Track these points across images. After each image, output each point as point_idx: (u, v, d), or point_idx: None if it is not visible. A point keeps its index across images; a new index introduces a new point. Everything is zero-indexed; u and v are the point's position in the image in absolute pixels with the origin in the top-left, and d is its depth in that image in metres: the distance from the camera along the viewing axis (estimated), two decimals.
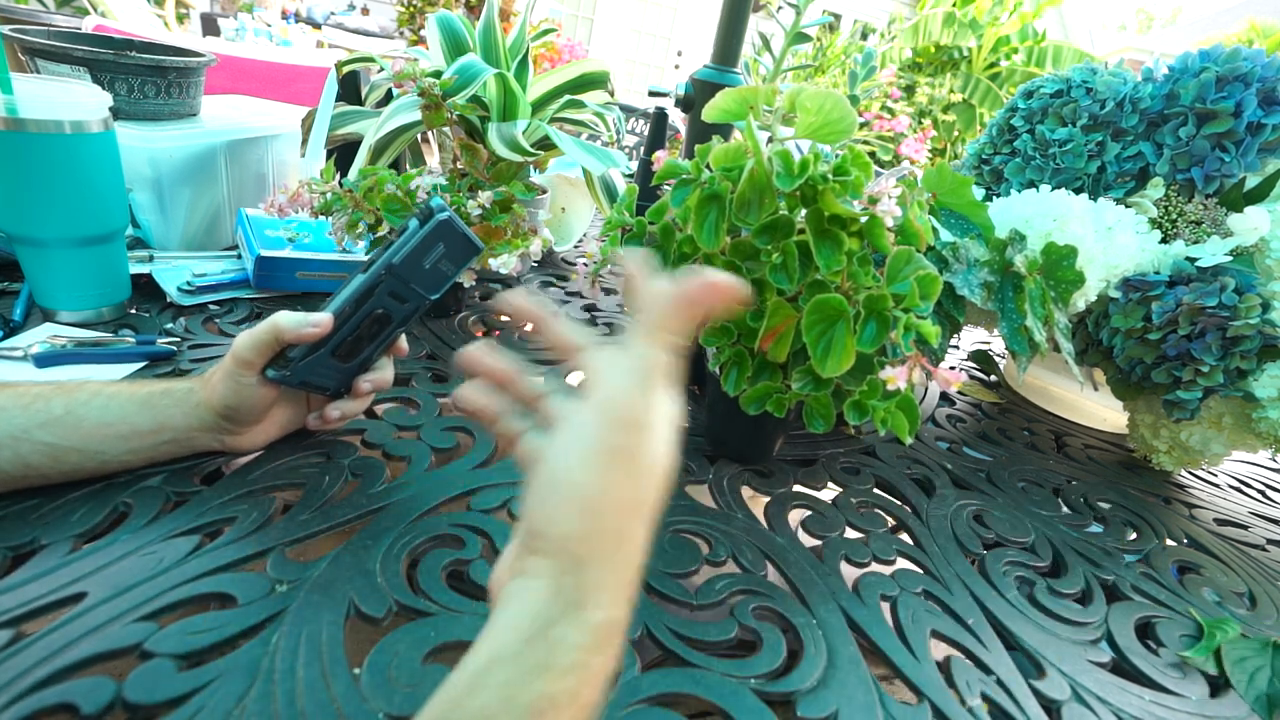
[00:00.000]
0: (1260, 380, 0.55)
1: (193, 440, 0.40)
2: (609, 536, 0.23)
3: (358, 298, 0.41)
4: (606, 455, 0.23)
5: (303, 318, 0.39)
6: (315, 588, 0.34)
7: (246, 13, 3.88)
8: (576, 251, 1.08)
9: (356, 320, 0.41)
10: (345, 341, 0.42)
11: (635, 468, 0.24)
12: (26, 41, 0.65)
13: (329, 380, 0.43)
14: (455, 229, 0.42)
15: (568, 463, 0.24)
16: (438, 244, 0.42)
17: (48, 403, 0.36)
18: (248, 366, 0.39)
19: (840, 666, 0.36)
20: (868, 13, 8.64)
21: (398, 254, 0.41)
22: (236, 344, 0.39)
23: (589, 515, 0.23)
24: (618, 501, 0.23)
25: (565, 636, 0.21)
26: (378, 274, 0.41)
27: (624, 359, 0.25)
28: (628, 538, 0.24)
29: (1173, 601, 0.49)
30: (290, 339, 0.39)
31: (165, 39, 1.62)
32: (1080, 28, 9.03)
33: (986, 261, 0.57)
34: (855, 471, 0.58)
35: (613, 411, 0.24)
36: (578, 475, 0.23)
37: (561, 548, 0.23)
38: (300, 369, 0.40)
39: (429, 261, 0.42)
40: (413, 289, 0.43)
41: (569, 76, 0.83)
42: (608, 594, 0.23)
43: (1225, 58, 0.63)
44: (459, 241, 0.43)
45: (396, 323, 0.44)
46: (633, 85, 8.01)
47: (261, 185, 0.84)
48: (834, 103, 0.44)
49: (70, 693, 0.27)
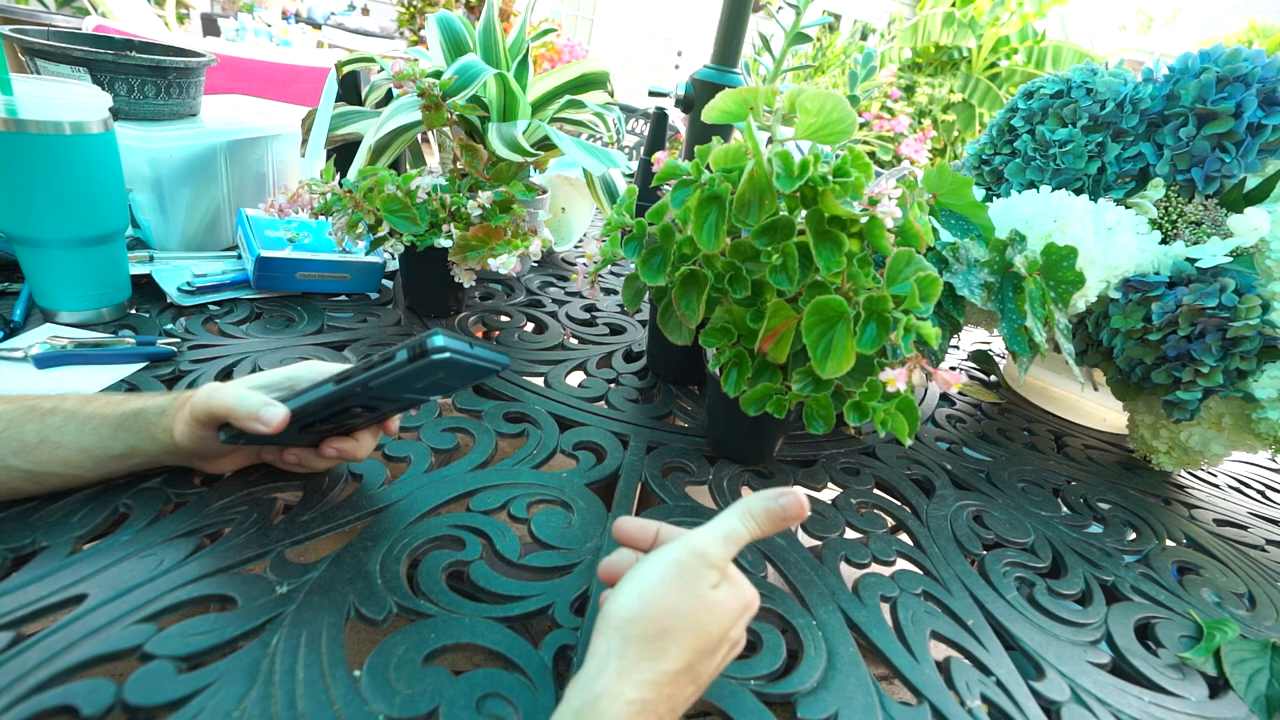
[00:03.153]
0: (1260, 381, 0.55)
1: (163, 462, 0.39)
2: (656, 633, 0.28)
3: (324, 404, 0.36)
4: (674, 567, 0.29)
5: (255, 407, 0.35)
6: (315, 589, 0.34)
7: (247, 13, 3.88)
8: (576, 251, 1.08)
9: (324, 414, 0.37)
10: (314, 425, 0.38)
11: (695, 587, 0.29)
12: (26, 42, 0.65)
13: (294, 442, 0.41)
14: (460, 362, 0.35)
15: (646, 567, 0.30)
16: (435, 372, 0.36)
17: (20, 429, 0.35)
18: (202, 426, 0.36)
19: (840, 667, 0.36)
20: (868, 13, 8.63)
21: (377, 379, 0.35)
22: (195, 400, 0.36)
23: (644, 605, 0.28)
24: (669, 607, 0.28)
25: (609, 709, 0.26)
26: (350, 389, 0.35)
27: (718, 520, 0.32)
28: (671, 638, 0.28)
29: (1172, 602, 0.49)
30: (236, 425, 0.36)
31: (165, 39, 1.62)
32: (1080, 28, 9.03)
33: (986, 262, 0.57)
34: (855, 472, 0.58)
35: (693, 543, 0.30)
36: (645, 573, 0.29)
37: (616, 625, 0.28)
38: (253, 438, 0.37)
39: (423, 383, 0.37)
40: (404, 397, 0.39)
41: (569, 77, 0.83)
42: (640, 675, 0.27)
43: (1225, 58, 0.63)
44: (466, 369, 0.37)
45: (380, 414, 0.41)
46: (633, 85, 8.01)
47: (261, 185, 0.84)
48: (834, 103, 0.44)
49: (70, 694, 0.27)
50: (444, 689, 0.30)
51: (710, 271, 0.48)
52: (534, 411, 0.56)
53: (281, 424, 0.35)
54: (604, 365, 0.69)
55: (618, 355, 0.71)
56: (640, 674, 0.27)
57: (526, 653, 0.33)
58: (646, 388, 0.66)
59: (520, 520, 0.43)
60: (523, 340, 0.71)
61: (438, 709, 0.29)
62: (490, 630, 0.34)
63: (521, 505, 0.44)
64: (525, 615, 0.36)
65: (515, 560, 0.39)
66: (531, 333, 0.75)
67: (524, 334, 0.73)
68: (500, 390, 0.59)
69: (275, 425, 0.35)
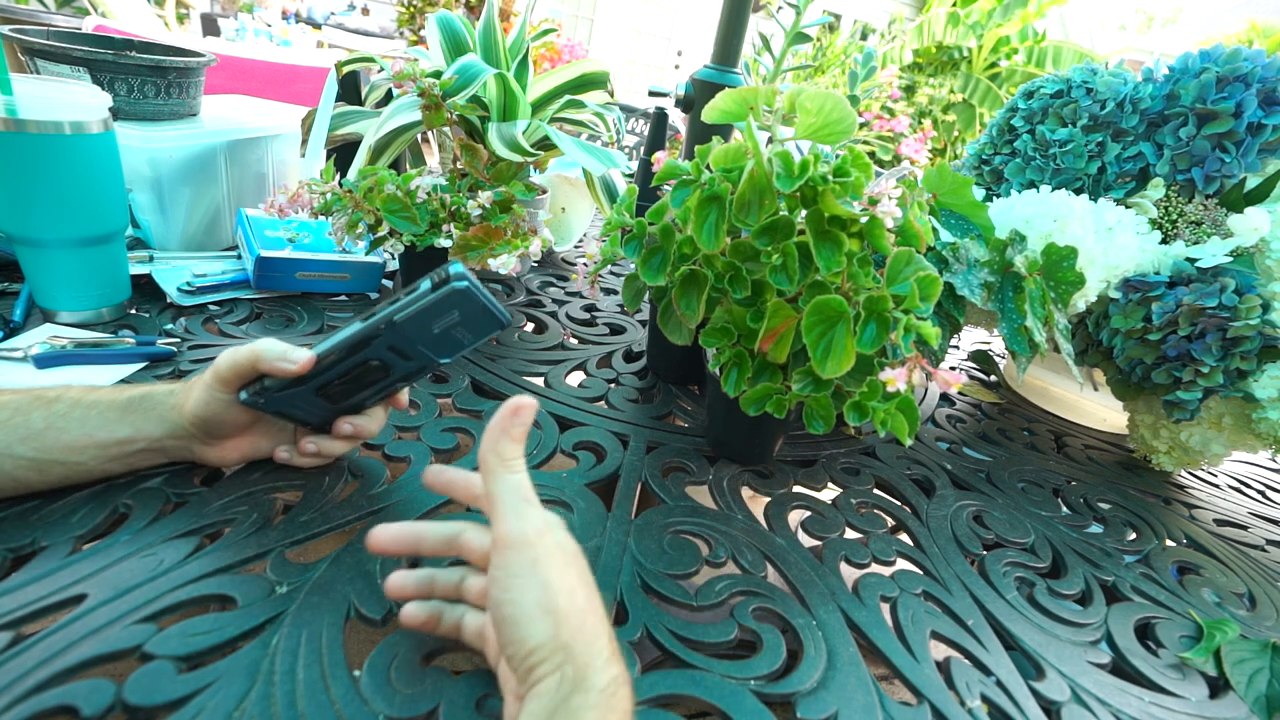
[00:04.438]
0: (1260, 381, 0.55)
1: (165, 448, 0.39)
2: (574, 615, 0.27)
3: (349, 346, 0.37)
4: (527, 567, 0.28)
5: (284, 350, 0.37)
6: (315, 589, 0.34)
7: (246, 13, 3.88)
8: (576, 251, 1.08)
9: (346, 366, 0.38)
10: (333, 383, 0.39)
11: (550, 563, 0.28)
12: (26, 42, 0.65)
13: (309, 414, 0.41)
14: (475, 300, 0.38)
15: (506, 595, 0.28)
16: (451, 311, 0.38)
17: (27, 417, 0.35)
18: (224, 385, 0.37)
19: (840, 667, 0.36)
20: (868, 13, 8.63)
21: (401, 312, 0.37)
22: (219, 359, 0.37)
23: (547, 612, 0.27)
24: (558, 589, 0.28)
25: (583, 704, 0.25)
26: (375, 326, 0.37)
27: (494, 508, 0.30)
28: (588, 609, 0.28)
29: (1172, 602, 0.49)
30: (265, 370, 0.37)
31: (165, 39, 1.62)
32: (1080, 28, 9.03)
33: (986, 262, 0.57)
34: (855, 472, 0.58)
35: (507, 544, 0.29)
36: (516, 595, 0.28)
37: (548, 649, 0.26)
38: (274, 399, 0.38)
39: (439, 326, 0.38)
40: (419, 349, 0.40)
41: (569, 77, 0.83)
42: (600, 659, 0.27)
43: (1225, 58, 0.63)
44: (478, 312, 0.39)
45: (398, 376, 0.41)
46: (633, 85, 8.01)
47: (261, 185, 0.84)
48: (834, 103, 0.44)
49: (70, 695, 0.27)
50: (444, 689, 0.30)
51: (710, 271, 0.48)
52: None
53: (308, 364, 0.37)
54: (604, 365, 0.69)
55: (618, 355, 0.71)
56: (601, 659, 0.27)
57: None
58: (646, 388, 0.66)
59: None
60: (523, 340, 0.71)
61: (438, 709, 0.29)
62: None
63: None
64: None
65: None
66: (531, 333, 0.75)
67: (524, 334, 0.73)
68: (500, 390, 0.59)
69: (303, 364, 0.37)
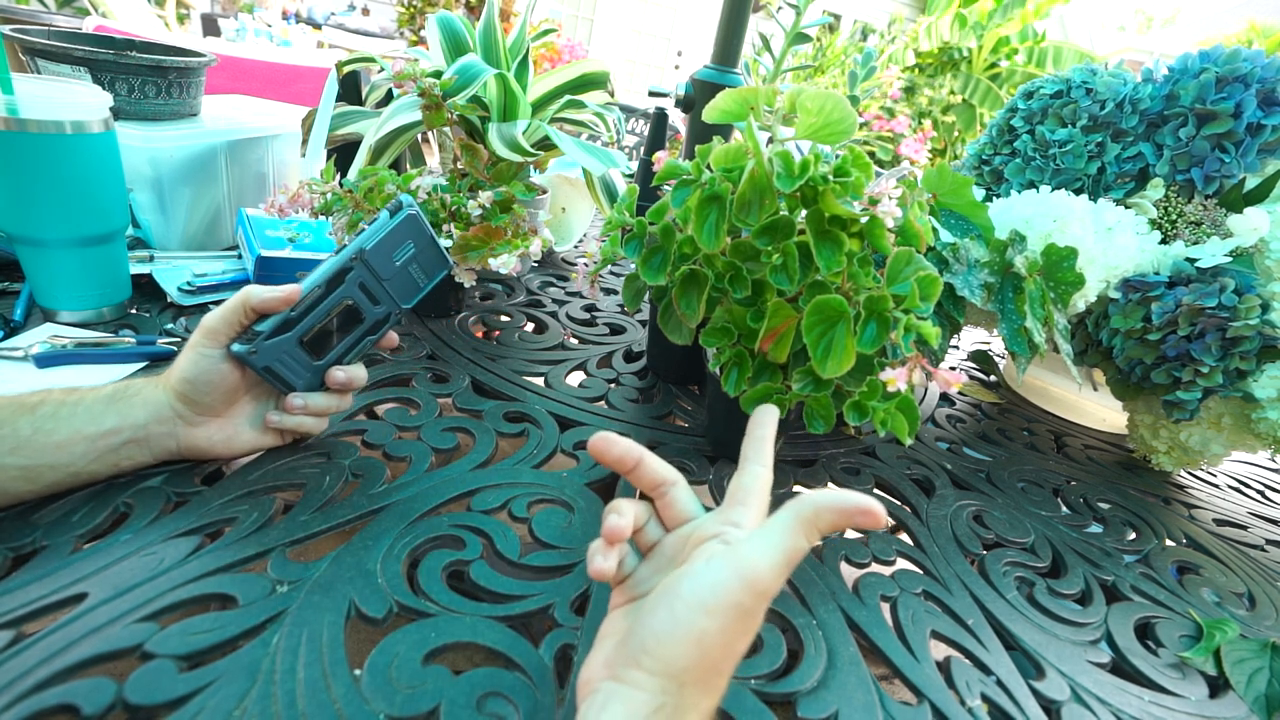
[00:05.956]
0: (1260, 381, 0.55)
1: (150, 437, 0.39)
2: (711, 673, 0.27)
3: (329, 279, 0.41)
4: (735, 612, 0.27)
5: (271, 289, 0.40)
6: (316, 588, 0.34)
7: (247, 13, 3.88)
8: (576, 251, 1.08)
9: (326, 306, 0.42)
10: (314, 330, 0.42)
11: (750, 628, 0.28)
12: (27, 41, 0.65)
13: (296, 374, 0.43)
14: (422, 227, 0.45)
15: (700, 606, 0.27)
16: (407, 241, 0.44)
17: (14, 427, 0.35)
18: (213, 337, 0.39)
19: (840, 667, 0.36)
20: (868, 13, 8.63)
21: (370, 241, 0.42)
22: (205, 318, 0.40)
23: (703, 655, 0.27)
24: (728, 650, 0.27)
25: None
26: (349, 257, 0.42)
27: (777, 537, 0.28)
28: (724, 674, 0.28)
29: (1172, 602, 0.49)
30: (256, 305, 0.40)
31: (166, 39, 1.62)
32: (1080, 28, 9.03)
33: (986, 262, 0.57)
34: (855, 472, 0.58)
35: (755, 582, 0.27)
36: (703, 621, 0.26)
37: (671, 673, 0.26)
38: (267, 348, 0.40)
39: (399, 258, 0.44)
40: (384, 289, 0.44)
41: (569, 77, 0.83)
42: (699, 715, 0.27)
43: (1225, 58, 0.63)
44: (427, 245, 0.45)
45: (369, 324, 0.45)
46: (633, 85, 8.00)
47: (262, 185, 0.84)
48: (834, 104, 0.44)
49: (71, 694, 0.27)
50: (444, 688, 0.30)
51: (710, 271, 0.48)
52: (534, 411, 0.56)
53: (295, 293, 0.40)
54: (604, 365, 0.69)
55: (618, 355, 0.71)
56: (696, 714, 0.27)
57: (527, 652, 0.33)
58: (646, 388, 0.66)
59: (521, 520, 0.43)
60: (523, 340, 0.71)
61: (438, 708, 0.29)
62: (490, 629, 0.34)
63: (522, 505, 0.44)
64: (526, 615, 0.36)
65: (516, 560, 0.39)
66: (532, 333, 0.75)
67: (524, 334, 0.73)
68: (500, 390, 0.59)
69: (289, 292, 0.40)
